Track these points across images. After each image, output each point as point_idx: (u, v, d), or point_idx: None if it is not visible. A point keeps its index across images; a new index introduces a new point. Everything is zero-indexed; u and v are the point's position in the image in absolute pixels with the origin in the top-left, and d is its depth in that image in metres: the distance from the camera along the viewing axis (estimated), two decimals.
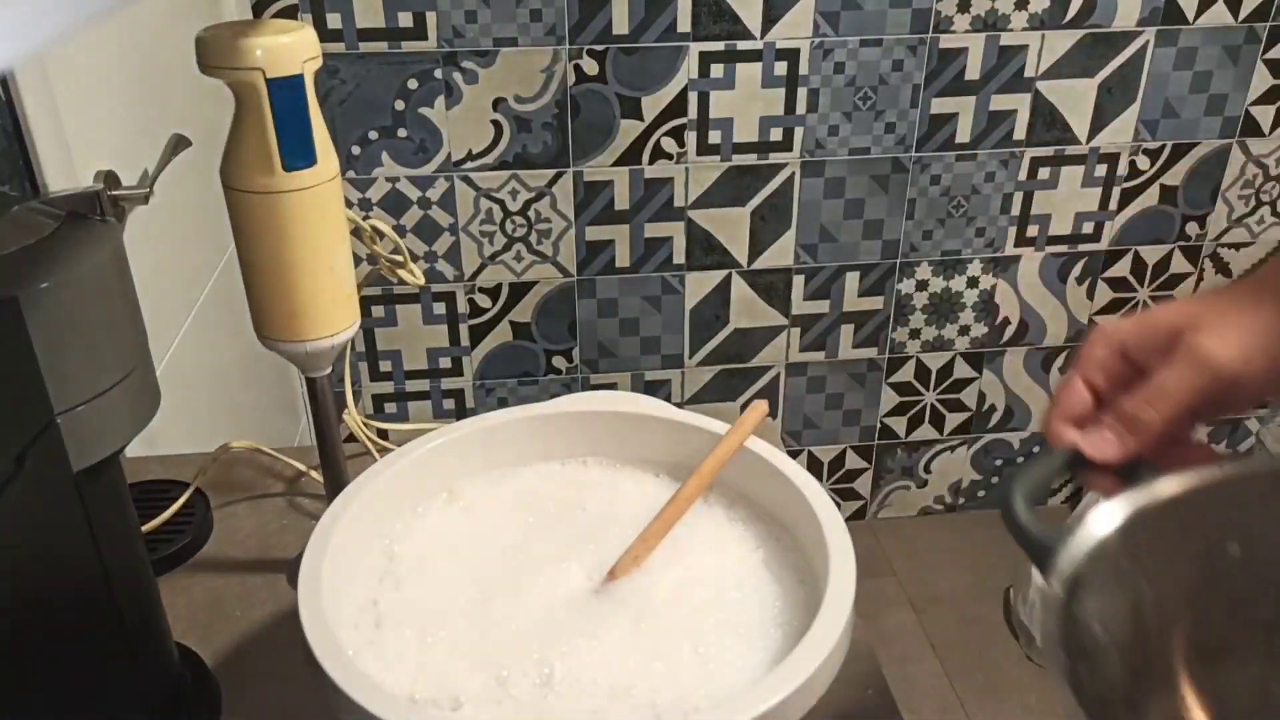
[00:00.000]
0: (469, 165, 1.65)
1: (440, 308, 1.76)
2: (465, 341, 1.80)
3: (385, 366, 1.81)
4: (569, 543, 0.61)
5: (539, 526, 0.62)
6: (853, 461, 2.04)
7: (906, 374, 1.96)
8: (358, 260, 0.65)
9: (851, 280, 1.85)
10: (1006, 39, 1.68)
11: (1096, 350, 0.53)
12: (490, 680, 0.51)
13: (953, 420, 2.03)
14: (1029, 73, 1.71)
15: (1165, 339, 0.51)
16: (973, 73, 1.70)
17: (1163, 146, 1.81)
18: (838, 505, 2.25)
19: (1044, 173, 1.80)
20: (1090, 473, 0.51)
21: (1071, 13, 1.67)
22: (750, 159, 1.71)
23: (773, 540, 0.61)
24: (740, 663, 0.53)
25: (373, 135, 1.61)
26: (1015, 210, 1.83)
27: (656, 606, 0.57)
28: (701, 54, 1.62)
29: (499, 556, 0.60)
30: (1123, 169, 1.82)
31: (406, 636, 0.54)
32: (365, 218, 0.73)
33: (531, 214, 1.70)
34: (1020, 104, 1.73)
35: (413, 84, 1.58)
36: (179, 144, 0.59)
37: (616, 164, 1.68)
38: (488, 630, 0.55)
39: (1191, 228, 1.90)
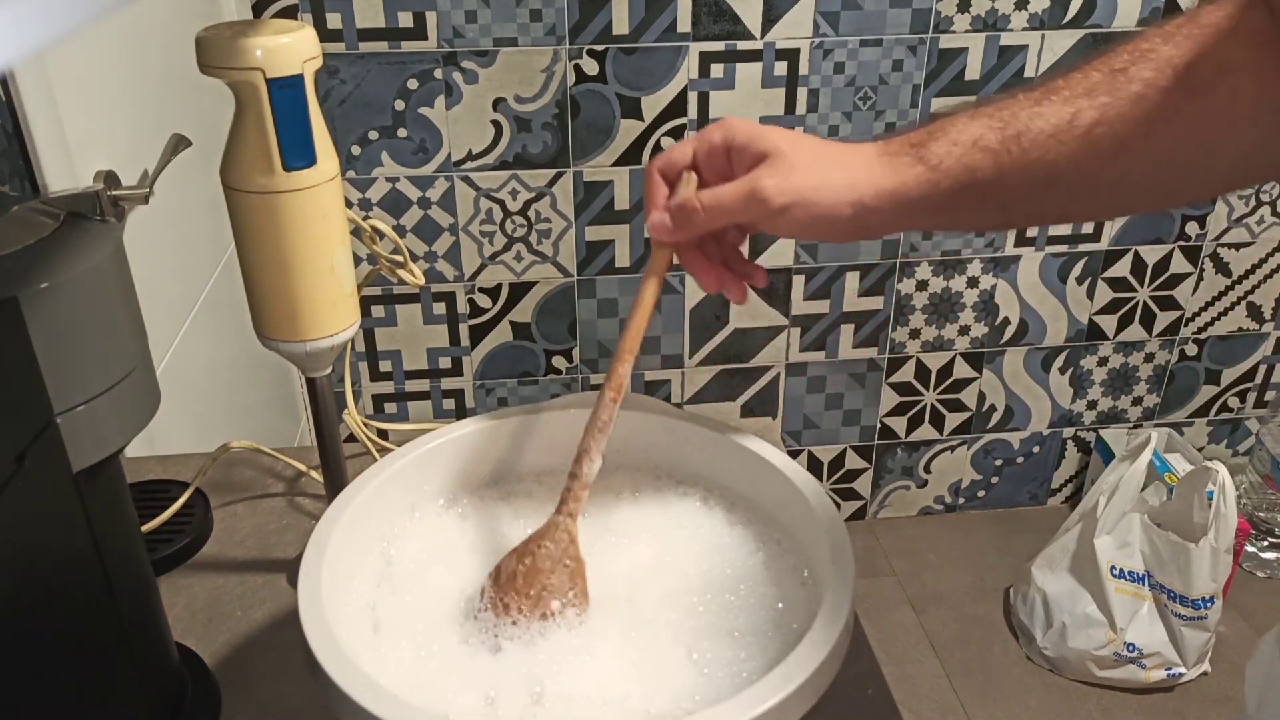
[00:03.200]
0: (469, 165, 1.65)
1: (440, 308, 1.76)
2: (465, 341, 1.80)
3: (385, 366, 1.81)
4: None
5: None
6: (853, 461, 2.04)
7: (906, 374, 1.96)
8: (358, 260, 0.65)
9: (851, 280, 1.85)
10: (1006, 39, 1.68)
11: (713, 136, 0.59)
12: (480, 700, 0.51)
13: (952, 420, 2.03)
14: (1029, 73, 1.71)
15: (754, 157, 0.57)
16: (973, 73, 1.70)
17: None
18: (838, 505, 2.24)
19: None
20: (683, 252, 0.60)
21: (1071, 13, 1.67)
22: None
23: (772, 543, 0.61)
24: (739, 666, 0.53)
25: (373, 135, 1.61)
26: None
27: (653, 613, 0.56)
28: (701, 54, 1.62)
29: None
30: None
31: (402, 645, 0.54)
32: (365, 218, 0.73)
33: (531, 214, 1.70)
34: None
35: (413, 84, 1.58)
36: (179, 144, 0.59)
37: (616, 164, 1.68)
38: (479, 645, 0.54)
39: (1191, 228, 1.90)
